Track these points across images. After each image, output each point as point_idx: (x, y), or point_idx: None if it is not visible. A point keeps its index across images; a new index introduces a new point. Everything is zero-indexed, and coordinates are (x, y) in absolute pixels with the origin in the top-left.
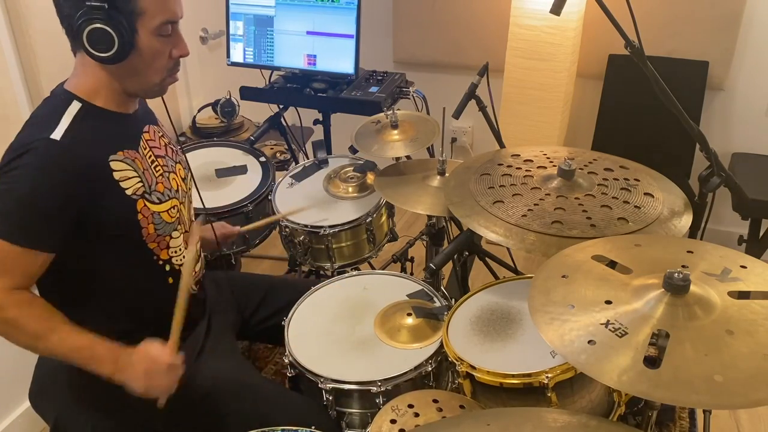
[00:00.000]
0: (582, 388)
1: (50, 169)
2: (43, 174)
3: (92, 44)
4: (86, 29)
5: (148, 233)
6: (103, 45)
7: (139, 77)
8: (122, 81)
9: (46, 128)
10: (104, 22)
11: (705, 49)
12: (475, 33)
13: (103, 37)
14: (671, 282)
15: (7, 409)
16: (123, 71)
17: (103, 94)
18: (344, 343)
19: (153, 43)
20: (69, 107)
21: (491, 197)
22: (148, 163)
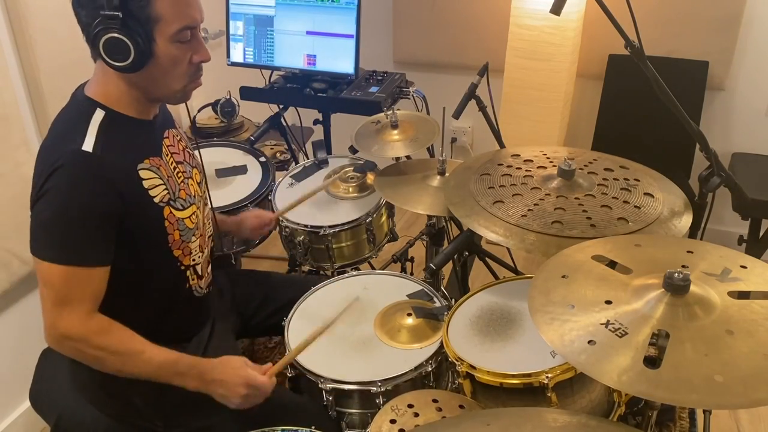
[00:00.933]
0: (582, 388)
1: (88, 182)
2: (82, 189)
3: (109, 54)
4: (102, 39)
5: (173, 240)
6: (119, 54)
7: (160, 85)
8: (143, 89)
9: (73, 139)
10: (120, 31)
11: (705, 49)
12: (475, 33)
13: (119, 46)
14: (671, 282)
15: (7, 409)
16: (142, 79)
17: (125, 102)
18: (344, 343)
19: (171, 50)
20: (94, 115)
21: (491, 197)
22: (171, 170)
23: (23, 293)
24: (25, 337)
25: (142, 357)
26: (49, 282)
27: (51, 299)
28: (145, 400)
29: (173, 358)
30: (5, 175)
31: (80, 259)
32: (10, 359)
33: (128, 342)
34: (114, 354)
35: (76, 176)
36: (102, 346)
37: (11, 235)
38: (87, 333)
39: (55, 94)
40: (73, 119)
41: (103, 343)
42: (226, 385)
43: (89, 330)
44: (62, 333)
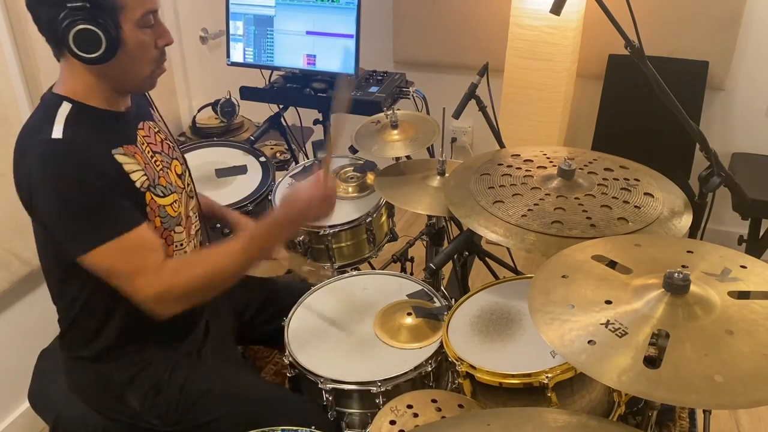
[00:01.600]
0: (582, 388)
1: (68, 165)
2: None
3: (79, 46)
4: (72, 32)
5: (155, 227)
6: (90, 46)
7: (129, 73)
8: (112, 79)
9: (40, 131)
10: (89, 22)
11: (705, 49)
12: (475, 33)
13: (90, 37)
14: (671, 282)
15: (7, 409)
16: (112, 69)
17: (94, 95)
18: (344, 343)
19: (138, 35)
20: (60, 108)
21: (491, 197)
22: (147, 157)
23: (23, 293)
24: (25, 337)
25: (224, 260)
26: (110, 265)
27: (124, 278)
28: (141, 400)
29: (245, 242)
30: (5, 175)
31: (116, 229)
32: (9, 359)
33: (204, 260)
34: (205, 278)
35: (54, 164)
36: (189, 280)
37: (11, 235)
38: (169, 282)
39: None
40: (40, 116)
41: (189, 277)
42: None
43: (168, 279)
44: (154, 298)
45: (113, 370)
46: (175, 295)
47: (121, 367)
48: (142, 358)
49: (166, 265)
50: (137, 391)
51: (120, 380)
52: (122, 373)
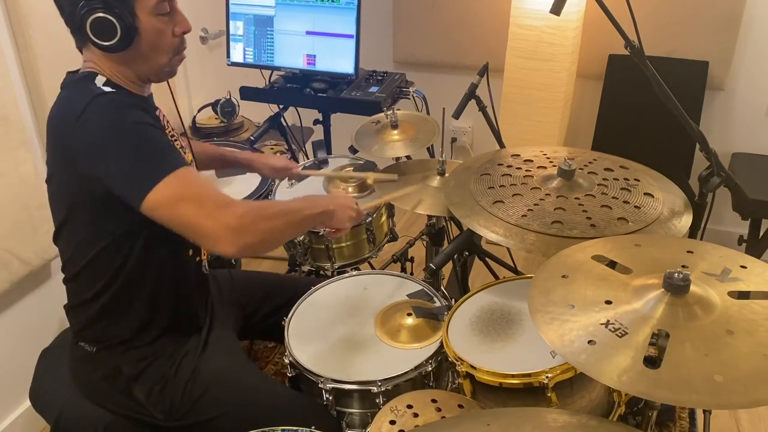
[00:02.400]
0: (582, 388)
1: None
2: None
3: (96, 35)
4: (88, 20)
5: None
6: (106, 34)
7: (148, 61)
8: (132, 67)
9: (90, 91)
10: (104, 10)
11: (705, 49)
12: (475, 33)
13: (106, 25)
14: (671, 282)
15: (7, 409)
16: (131, 57)
17: (120, 79)
18: (344, 343)
19: (154, 23)
20: (96, 78)
21: (491, 197)
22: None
23: (23, 293)
24: (25, 337)
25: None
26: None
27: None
28: (147, 394)
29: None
30: (5, 175)
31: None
32: (10, 359)
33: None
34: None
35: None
36: (260, 207)
37: (11, 235)
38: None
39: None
40: (77, 87)
41: (259, 205)
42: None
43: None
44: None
45: (122, 362)
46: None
47: (130, 360)
48: (152, 352)
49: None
50: (144, 385)
51: (128, 373)
52: (131, 366)
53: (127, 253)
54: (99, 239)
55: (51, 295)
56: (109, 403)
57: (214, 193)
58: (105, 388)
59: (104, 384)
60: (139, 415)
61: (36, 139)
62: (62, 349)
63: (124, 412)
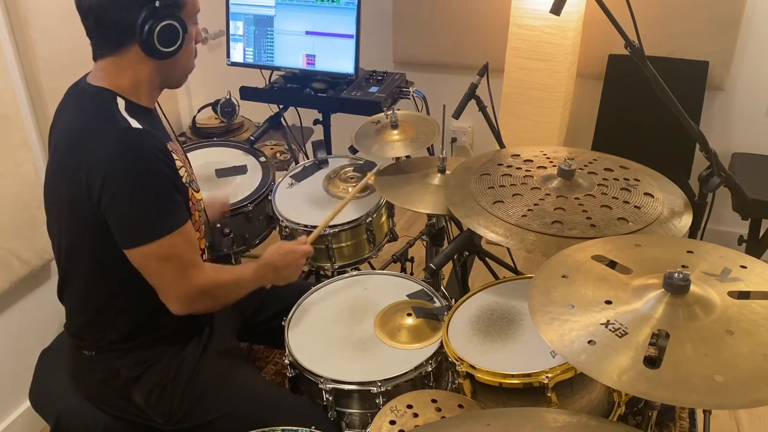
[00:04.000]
0: (582, 388)
1: (151, 153)
2: (151, 160)
3: (161, 42)
4: (157, 28)
5: (194, 220)
6: (169, 41)
7: (182, 67)
8: (166, 74)
9: (115, 121)
10: (170, 18)
11: (705, 49)
12: (475, 33)
13: (171, 33)
14: (671, 282)
15: (7, 409)
16: (170, 64)
17: (141, 91)
18: (344, 343)
19: (191, 32)
20: (117, 102)
21: (491, 197)
22: (182, 153)
23: (23, 293)
24: (25, 337)
25: (244, 275)
26: (172, 254)
27: (179, 268)
28: (145, 397)
29: (253, 270)
30: (5, 175)
31: (181, 219)
32: (10, 359)
33: (227, 271)
34: (232, 283)
35: (138, 153)
36: (224, 282)
37: (11, 235)
38: (213, 277)
39: (55, 94)
40: (98, 106)
41: (224, 279)
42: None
43: (213, 274)
44: (199, 290)
45: (121, 366)
46: (213, 293)
47: (128, 364)
48: (150, 355)
49: (206, 264)
50: (142, 388)
51: (127, 376)
52: (129, 370)
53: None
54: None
55: (51, 295)
56: (108, 406)
57: (192, 259)
58: (104, 392)
59: (103, 387)
60: (138, 419)
61: (36, 139)
62: (62, 349)
63: (123, 415)
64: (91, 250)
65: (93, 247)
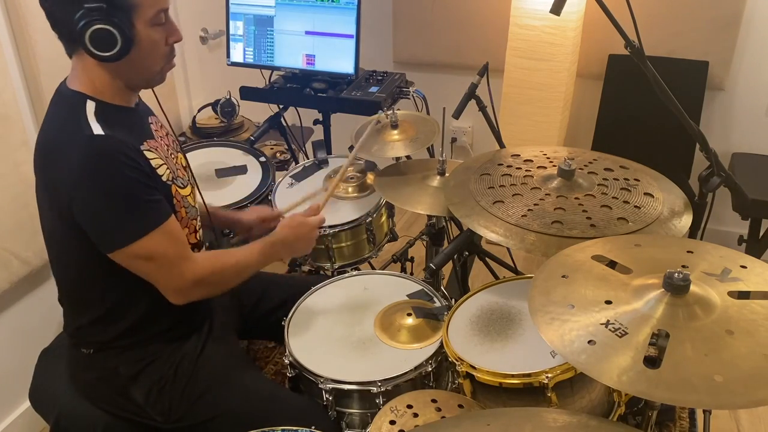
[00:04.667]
0: (582, 388)
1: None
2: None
3: (96, 45)
4: (88, 31)
5: (181, 217)
6: (106, 45)
7: (141, 69)
8: (124, 76)
9: (79, 128)
10: (105, 22)
11: (705, 49)
12: (475, 33)
13: (105, 36)
14: (671, 282)
15: (7, 409)
16: (125, 66)
17: (109, 92)
18: (344, 343)
19: (150, 33)
20: (86, 106)
21: (491, 197)
22: (165, 150)
23: (23, 293)
24: (25, 337)
25: (247, 258)
26: (157, 251)
27: (167, 263)
28: (145, 395)
29: (259, 248)
30: (5, 175)
31: (159, 218)
32: (10, 359)
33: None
34: (231, 268)
35: (101, 159)
36: (223, 268)
37: (11, 235)
38: (209, 266)
39: None
40: (68, 112)
41: (222, 265)
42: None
43: (208, 263)
44: (193, 280)
45: (120, 363)
46: (211, 280)
47: (127, 361)
48: (149, 353)
49: (198, 254)
50: (142, 386)
51: (126, 374)
52: (128, 368)
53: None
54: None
55: (51, 295)
56: (107, 405)
57: (177, 253)
58: (103, 390)
59: (102, 385)
60: (137, 417)
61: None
62: (62, 349)
63: (122, 413)
64: (80, 255)
65: (80, 252)
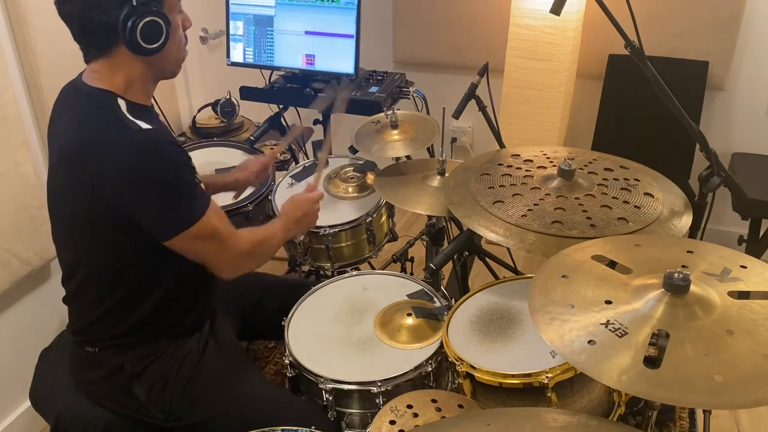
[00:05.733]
0: (582, 388)
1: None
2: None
3: (144, 38)
4: (139, 25)
5: None
6: (153, 37)
7: (173, 57)
8: (159, 67)
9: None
10: (152, 14)
11: (705, 49)
12: (475, 33)
13: (153, 28)
14: (671, 282)
15: (7, 409)
16: (160, 57)
17: (136, 88)
18: (344, 343)
19: (177, 21)
20: (119, 105)
21: (491, 197)
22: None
23: (23, 293)
24: (25, 337)
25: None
26: (211, 231)
27: (220, 241)
28: (147, 392)
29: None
30: (5, 175)
31: (208, 198)
32: (10, 359)
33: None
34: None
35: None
36: (260, 240)
37: (11, 235)
38: (250, 238)
39: (54, 94)
40: (99, 111)
41: (259, 238)
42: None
43: (249, 238)
44: (242, 253)
45: (126, 361)
46: (256, 252)
47: (132, 359)
48: (154, 350)
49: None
50: (144, 384)
51: (130, 372)
52: (133, 365)
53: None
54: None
55: (51, 295)
56: (109, 403)
57: (227, 229)
58: (105, 387)
59: (105, 383)
60: (139, 415)
61: (36, 139)
62: (62, 349)
63: (124, 411)
64: (106, 254)
65: (107, 252)
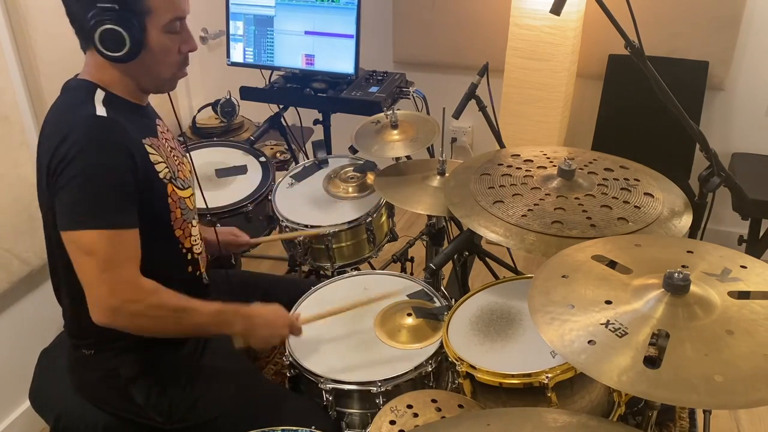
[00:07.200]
0: (582, 388)
1: (108, 144)
2: (104, 152)
3: (104, 44)
4: (98, 30)
5: (175, 218)
6: (115, 45)
7: (151, 73)
8: (135, 77)
9: (84, 108)
10: (115, 22)
11: (705, 49)
12: (475, 33)
13: (115, 37)
14: (671, 282)
15: (7, 409)
16: (135, 68)
17: (119, 87)
18: (344, 343)
19: (162, 40)
20: (96, 93)
21: (491, 197)
22: (167, 151)
23: (23, 293)
24: (25, 337)
25: (195, 311)
26: (94, 250)
27: (99, 267)
28: (145, 396)
29: (218, 308)
30: (5, 176)
31: (119, 222)
32: (10, 359)
33: (180, 299)
34: (172, 311)
35: (97, 139)
36: (159, 304)
37: (11, 236)
38: (142, 293)
39: (55, 95)
40: (77, 97)
41: (160, 301)
42: (272, 326)
43: (144, 289)
44: (119, 297)
45: (120, 365)
46: (138, 309)
47: (127, 362)
48: (149, 354)
49: (145, 279)
50: (142, 387)
51: (126, 375)
52: (128, 369)
53: None
54: None
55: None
56: (107, 405)
57: (130, 267)
58: (103, 390)
59: (102, 386)
60: (138, 418)
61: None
62: (62, 349)
63: (123, 414)
64: None
65: None
